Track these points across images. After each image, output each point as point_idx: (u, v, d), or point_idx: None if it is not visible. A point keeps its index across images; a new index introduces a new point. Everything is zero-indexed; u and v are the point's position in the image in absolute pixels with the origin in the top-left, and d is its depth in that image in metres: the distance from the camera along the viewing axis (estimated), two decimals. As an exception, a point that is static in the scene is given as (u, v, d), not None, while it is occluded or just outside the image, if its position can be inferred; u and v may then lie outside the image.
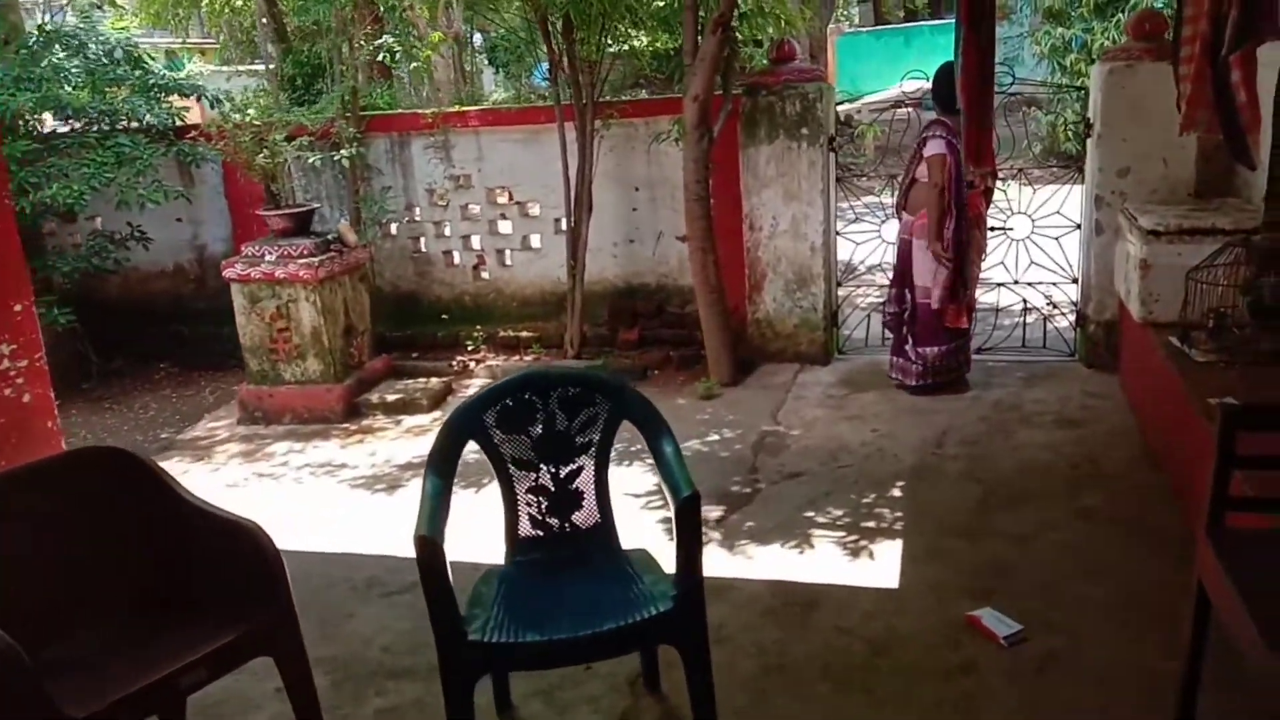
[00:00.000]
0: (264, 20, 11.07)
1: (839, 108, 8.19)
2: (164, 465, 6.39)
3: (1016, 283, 6.79)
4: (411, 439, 6.30)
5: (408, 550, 2.80)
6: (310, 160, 7.02)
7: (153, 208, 7.34)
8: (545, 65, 8.21)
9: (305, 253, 6.56)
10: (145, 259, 8.43)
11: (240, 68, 15.39)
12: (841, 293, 7.25)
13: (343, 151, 6.94)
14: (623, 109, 7.06)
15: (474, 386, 7.23)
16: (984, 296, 6.75)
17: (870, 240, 7.00)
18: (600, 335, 7.63)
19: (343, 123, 7.37)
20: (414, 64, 10.32)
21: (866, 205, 7.51)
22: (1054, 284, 6.85)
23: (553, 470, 3.28)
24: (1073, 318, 6.82)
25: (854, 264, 7.50)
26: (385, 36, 7.98)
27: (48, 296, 7.28)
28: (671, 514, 2.95)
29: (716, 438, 5.73)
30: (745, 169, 6.77)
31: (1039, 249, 6.74)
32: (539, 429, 3.25)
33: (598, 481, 3.31)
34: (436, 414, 6.70)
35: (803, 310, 6.87)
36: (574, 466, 3.29)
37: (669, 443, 3.18)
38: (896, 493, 4.86)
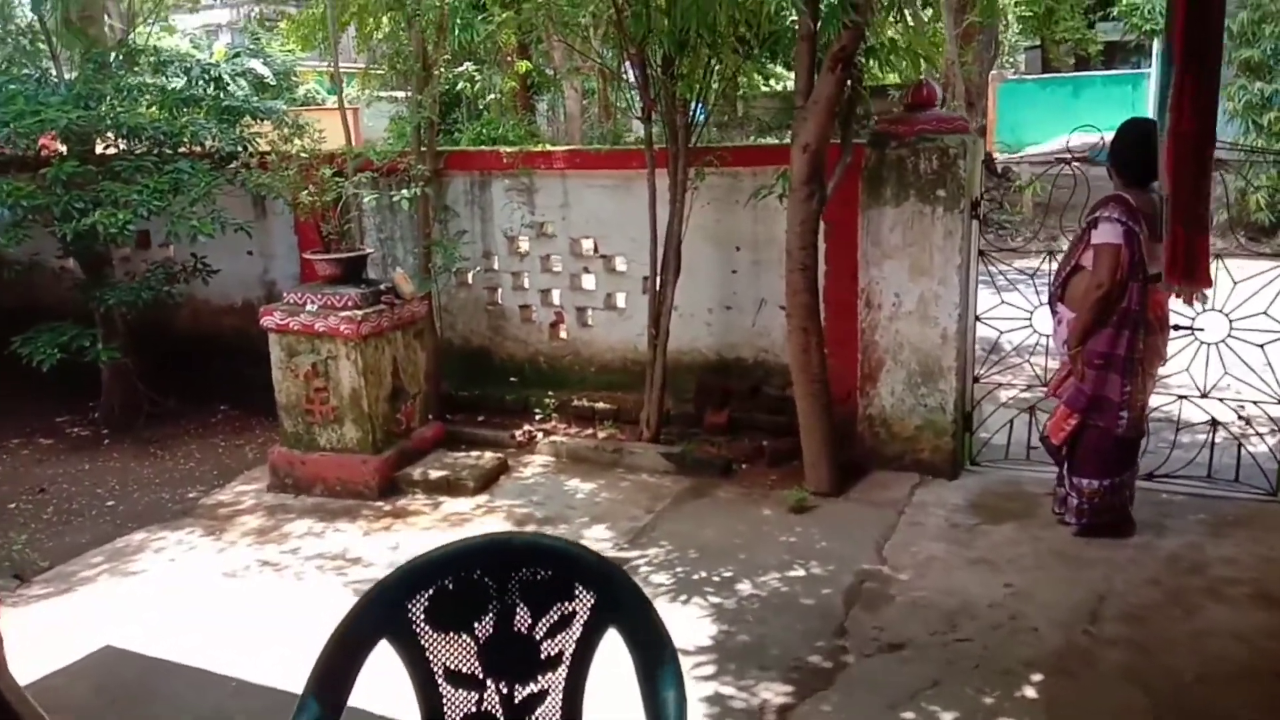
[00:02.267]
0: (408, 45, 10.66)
1: (998, 158, 6.92)
2: (173, 535, 5.83)
3: (1204, 395, 5.35)
4: (444, 530, 5.37)
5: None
6: (367, 200, 6.22)
7: (219, 239, 6.74)
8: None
9: (350, 304, 5.76)
10: (214, 292, 7.88)
11: (389, 93, 15.10)
12: (980, 388, 5.95)
13: (403, 192, 6.10)
14: (723, 156, 6.02)
15: (534, 465, 6.27)
16: (1160, 402, 5.32)
17: (1022, 321, 5.66)
18: (685, 414, 6.56)
19: (414, 159, 6.57)
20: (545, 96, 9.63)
21: (1021, 272, 6.21)
22: (1254, 402, 5.38)
23: (504, 690, 2.23)
24: (1275, 442, 5.35)
25: (1000, 346, 6.17)
26: (467, 67, 7.13)
27: (90, 330, 6.75)
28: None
29: (800, 573, 4.56)
30: (865, 234, 5.61)
31: (1234, 355, 5.29)
32: (489, 628, 2.21)
33: (568, 715, 2.24)
34: (482, 499, 5.77)
35: (927, 409, 5.63)
36: (535, 688, 2.23)
37: (671, 683, 2.08)
38: (1030, 692, 3.59)
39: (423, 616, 2.18)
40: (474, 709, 2.21)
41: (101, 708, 3.81)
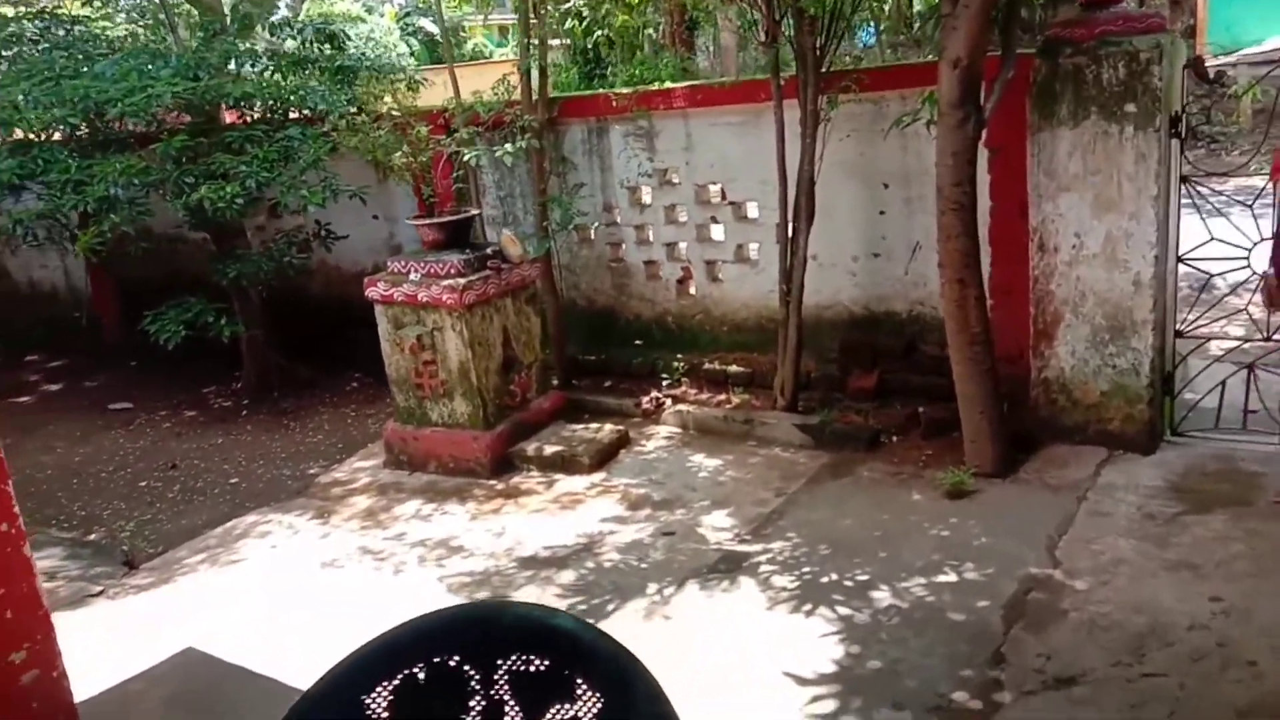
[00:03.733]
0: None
1: (1210, 63, 5.73)
2: (283, 518, 5.67)
3: None
4: (554, 514, 4.92)
5: None
6: (469, 156, 5.74)
7: (345, 205, 6.49)
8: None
9: (452, 271, 5.35)
10: (344, 258, 7.71)
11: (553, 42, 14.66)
12: (1185, 343, 4.93)
13: (506, 146, 5.59)
14: (861, 80, 5.16)
15: (657, 438, 5.73)
16: None
17: (1238, 259, 4.58)
18: (828, 377, 5.84)
19: (523, 108, 6.04)
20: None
21: (1234, 198, 5.08)
22: None
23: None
24: None
25: (1211, 285, 5.09)
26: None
27: (218, 304, 6.66)
28: None
29: (951, 578, 3.81)
30: (1035, 163, 4.67)
31: None
32: (473, 729, 1.68)
33: None
34: (600, 476, 5.28)
35: (1116, 370, 4.68)
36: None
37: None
38: (1246, 756, 2.77)
39: (384, 711, 1.67)
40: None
41: (174, 720, 3.59)
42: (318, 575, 4.60)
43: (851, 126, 5.49)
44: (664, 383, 6.27)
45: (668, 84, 6.16)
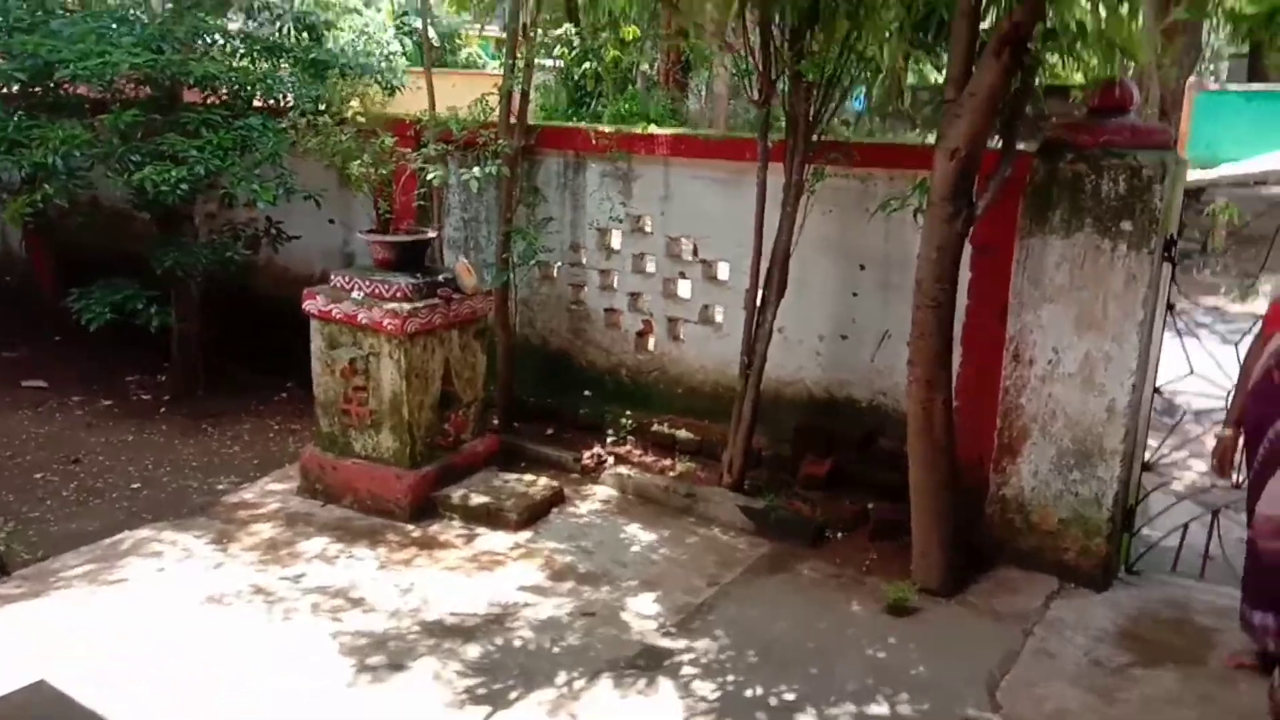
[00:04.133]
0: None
1: (1191, 176, 5.58)
2: (178, 537, 5.20)
3: None
4: (470, 574, 4.57)
5: None
6: (432, 176, 5.40)
7: (302, 204, 6.13)
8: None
9: (398, 295, 5.01)
10: (295, 259, 7.32)
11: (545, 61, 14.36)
12: (1148, 478, 4.71)
13: (474, 171, 5.27)
14: (850, 154, 4.93)
15: (593, 499, 5.40)
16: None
17: (1215, 391, 4.38)
18: (780, 458, 5.56)
19: (500, 132, 5.74)
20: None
21: (1210, 313, 4.91)
22: None
23: None
24: None
25: (1175, 408, 4.89)
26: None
27: (147, 291, 6.23)
28: None
29: (883, 709, 3.51)
30: (1021, 269, 4.45)
31: None
32: None
33: None
34: (525, 535, 4.94)
35: (1078, 499, 4.44)
36: None
37: None
38: None
39: None
40: None
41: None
42: (200, 611, 4.19)
43: (836, 201, 5.25)
44: (609, 439, 5.96)
45: (652, 128, 5.87)
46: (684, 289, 5.99)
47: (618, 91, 14.47)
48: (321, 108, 6.13)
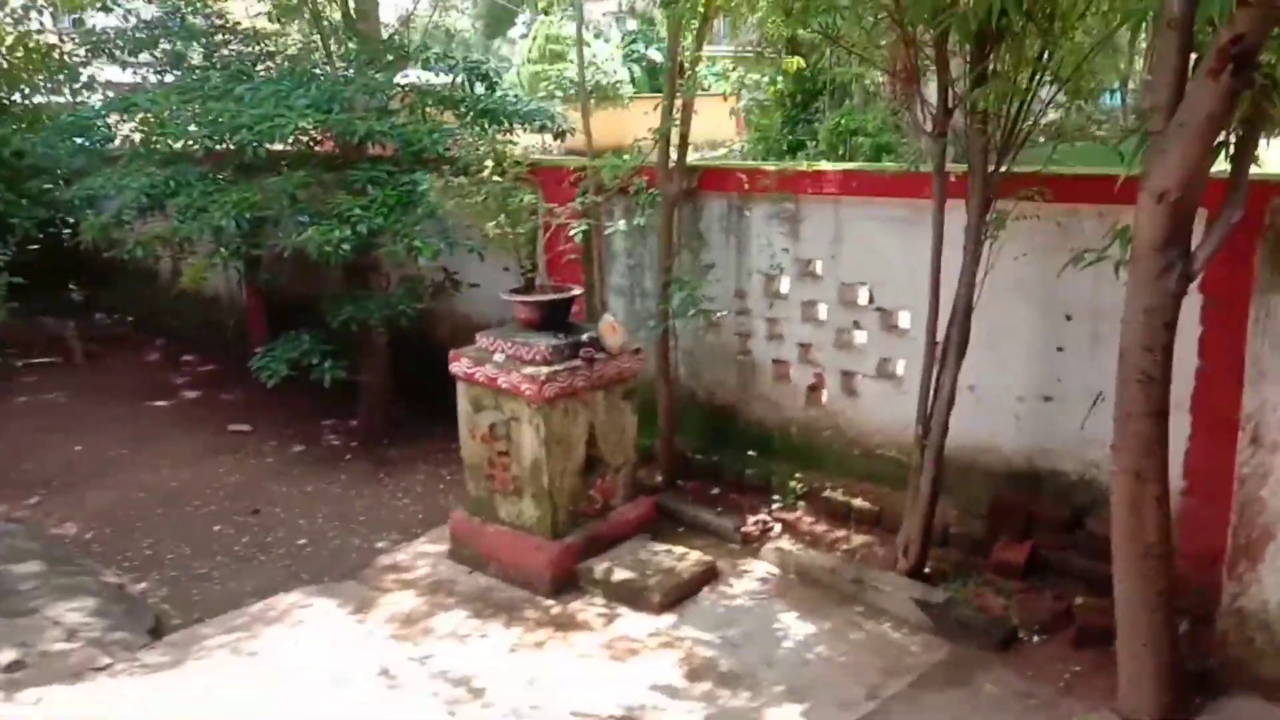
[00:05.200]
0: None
1: None
2: (322, 604, 4.83)
3: None
4: (601, 663, 4.21)
5: None
6: (575, 232, 5.10)
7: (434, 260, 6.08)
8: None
9: (537, 358, 4.74)
10: (474, 307, 7.28)
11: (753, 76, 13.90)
12: None
13: (619, 224, 4.92)
14: (1046, 189, 4.16)
15: (750, 577, 4.90)
16: None
17: None
18: (970, 537, 4.84)
19: (660, 175, 5.36)
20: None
21: None
22: None
23: None
24: None
25: None
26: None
27: (325, 346, 6.34)
28: None
29: None
30: (1259, 331, 3.54)
31: None
32: None
33: None
34: (668, 620, 4.52)
35: (1346, 619, 3.47)
36: None
37: None
38: None
39: None
40: None
41: None
42: (321, 693, 4.07)
43: (1031, 242, 4.48)
44: (776, 504, 5.44)
45: (821, 164, 5.31)
46: (860, 339, 5.37)
47: (836, 105, 13.78)
48: (488, 161, 6.03)
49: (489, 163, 4.76)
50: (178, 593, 5.03)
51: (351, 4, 6.84)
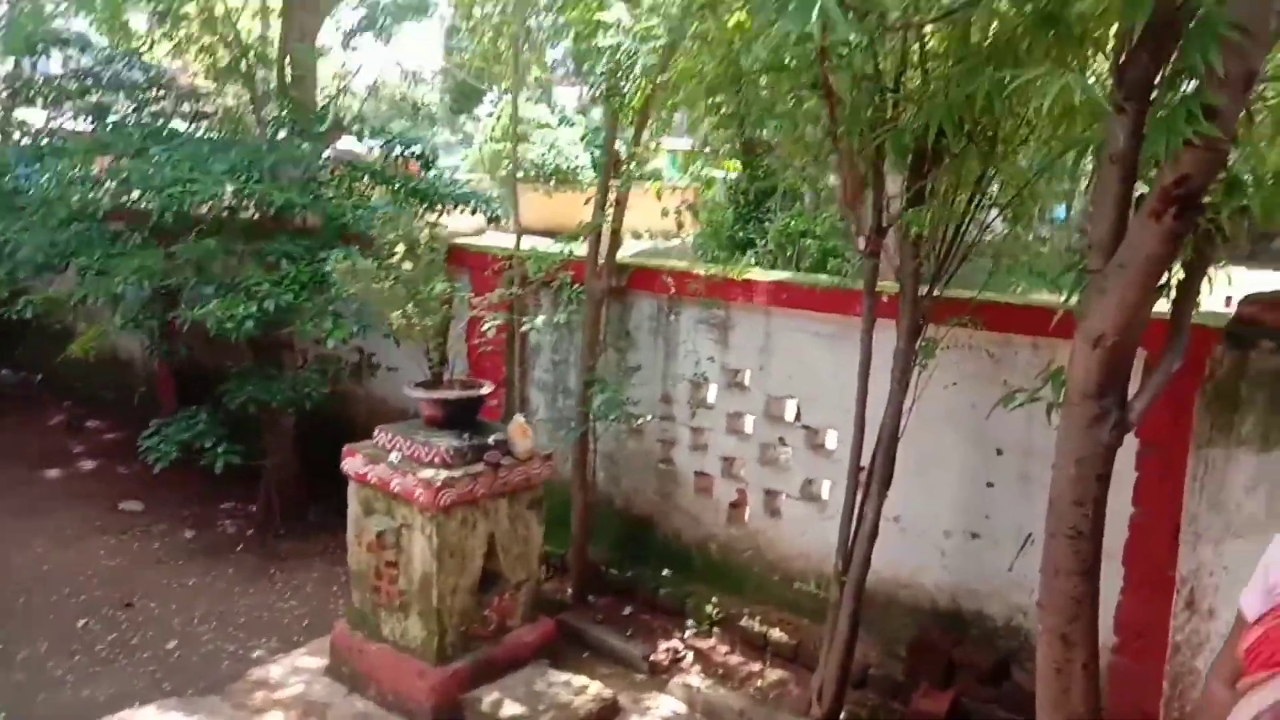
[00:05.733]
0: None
1: None
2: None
3: None
4: (474, 817, 3.75)
5: None
6: (487, 327, 4.81)
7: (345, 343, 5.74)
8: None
9: (437, 460, 4.38)
10: (391, 390, 6.91)
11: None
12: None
13: (536, 320, 4.63)
14: (983, 316, 3.96)
15: (653, 715, 4.49)
16: None
17: None
18: (889, 680, 4.50)
19: (588, 271, 5.11)
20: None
21: None
22: None
23: None
24: None
25: None
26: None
27: (223, 427, 5.91)
28: None
29: None
30: (1197, 489, 3.31)
31: None
32: None
33: None
34: (559, 764, 4.08)
35: (1285, 811, 3.17)
36: None
37: None
38: None
39: None
40: None
41: None
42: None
43: (963, 370, 4.27)
44: (689, 629, 5.07)
45: (752, 272, 5.08)
46: (785, 456, 5.09)
47: (788, 206, 13.80)
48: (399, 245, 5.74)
49: (400, 246, 4.45)
50: (21, 701, 4.51)
51: (288, 71, 6.60)
